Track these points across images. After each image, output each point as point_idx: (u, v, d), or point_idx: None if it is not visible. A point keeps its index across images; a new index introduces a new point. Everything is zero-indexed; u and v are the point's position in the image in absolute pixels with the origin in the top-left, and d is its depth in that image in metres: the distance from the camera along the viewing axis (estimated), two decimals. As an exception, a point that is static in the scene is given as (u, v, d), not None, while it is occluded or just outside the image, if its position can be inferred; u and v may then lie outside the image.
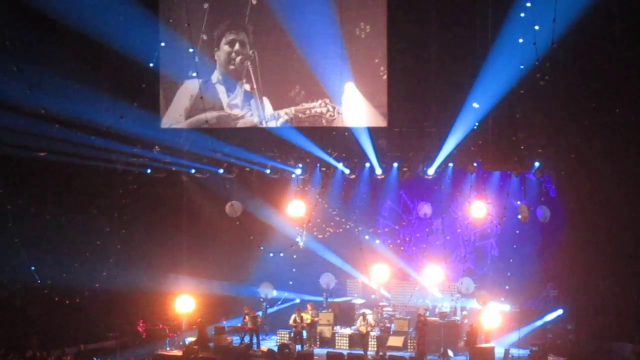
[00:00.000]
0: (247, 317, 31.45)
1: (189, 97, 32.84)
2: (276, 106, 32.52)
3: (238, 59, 32.46)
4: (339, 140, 33.19)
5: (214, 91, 32.71)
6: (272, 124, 32.57)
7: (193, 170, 34.61)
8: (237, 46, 32.42)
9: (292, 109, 32.35)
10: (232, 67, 32.62)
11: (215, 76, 32.75)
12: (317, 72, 31.46)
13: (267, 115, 32.45)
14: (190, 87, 32.74)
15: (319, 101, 31.92)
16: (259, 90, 32.46)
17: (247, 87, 32.57)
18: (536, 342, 29.96)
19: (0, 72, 27.31)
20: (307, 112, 32.15)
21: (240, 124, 32.81)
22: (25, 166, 31.43)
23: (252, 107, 32.55)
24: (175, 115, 33.21)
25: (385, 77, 31.25)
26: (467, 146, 31.63)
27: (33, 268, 31.52)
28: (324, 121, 32.12)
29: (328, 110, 31.89)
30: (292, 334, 31.56)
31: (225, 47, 32.54)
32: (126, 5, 30.70)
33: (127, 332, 32.52)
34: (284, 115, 32.39)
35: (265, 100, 32.52)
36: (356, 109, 31.70)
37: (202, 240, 35.70)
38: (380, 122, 31.50)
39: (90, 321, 32.32)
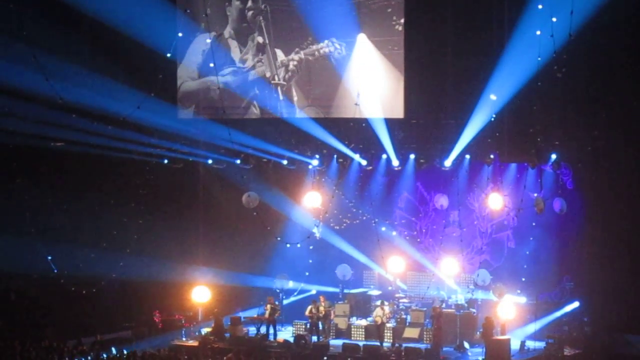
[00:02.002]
0: (268, 306, 31.47)
1: (201, 52, 32.79)
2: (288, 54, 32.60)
3: (249, 13, 32.40)
4: (355, 131, 33.13)
5: (226, 46, 32.73)
6: (281, 73, 32.49)
7: (210, 161, 34.60)
8: (249, 2, 32.37)
9: (302, 52, 32.24)
10: (244, 24, 32.60)
11: (227, 31, 32.76)
12: (329, 23, 31.31)
13: (279, 63, 32.41)
14: (203, 42, 32.60)
15: (325, 41, 31.88)
16: (271, 43, 32.45)
17: (259, 39, 32.53)
18: (552, 335, 29.94)
19: (18, 62, 27.39)
20: (316, 53, 32.02)
21: (251, 75, 32.71)
22: (41, 156, 31.55)
23: (264, 60, 32.56)
24: (187, 72, 33.20)
25: (399, 28, 31.06)
26: (484, 138, 31.53)
27: (49, 258, 31.67)
28: (333, 60, 31.93)
29: (336, 49, 31.77)
30: (308, 325, 31.56)
31: (237, 4, 32.47)
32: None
33: (143, 322, 32.66)
34: (294, 61, 32.28)
35: (278, 51, 32.56)
36: (368, 61, 31.44)
37: (219, 230, 35.69)
38: (394, 87, 31.34)
39: (106, 311, 32.51)
